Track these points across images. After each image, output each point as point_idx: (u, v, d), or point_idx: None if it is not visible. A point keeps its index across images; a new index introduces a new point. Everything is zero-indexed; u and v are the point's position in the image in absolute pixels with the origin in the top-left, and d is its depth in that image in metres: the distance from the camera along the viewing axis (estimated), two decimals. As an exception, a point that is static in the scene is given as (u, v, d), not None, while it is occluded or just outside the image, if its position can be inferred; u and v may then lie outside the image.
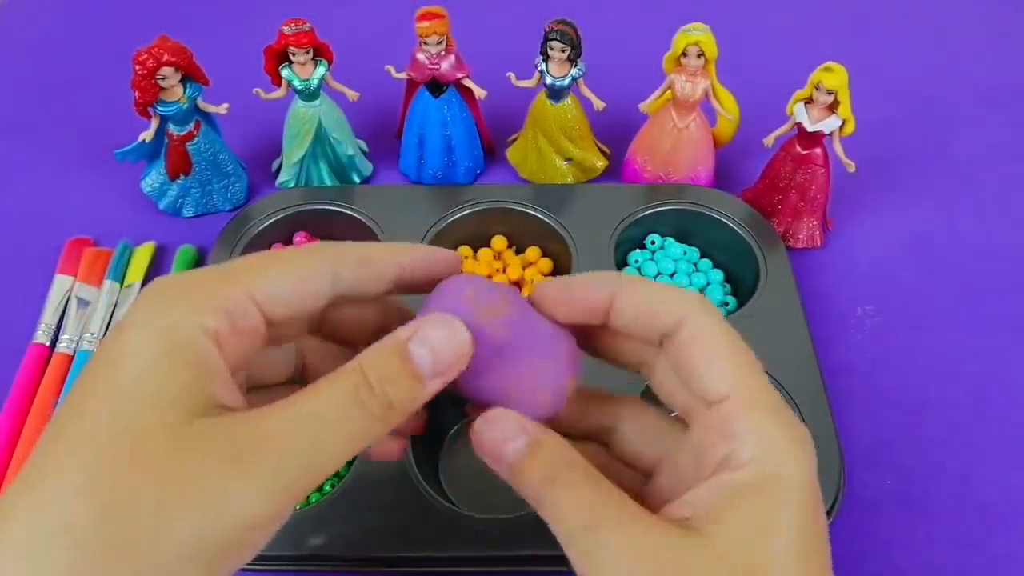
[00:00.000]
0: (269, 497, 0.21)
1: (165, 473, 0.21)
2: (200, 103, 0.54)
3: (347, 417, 0.23)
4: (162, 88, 0.52)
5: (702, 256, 0.56)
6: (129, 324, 0.23)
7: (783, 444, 0.23)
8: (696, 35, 0.52)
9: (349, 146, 0.58)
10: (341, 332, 0.30)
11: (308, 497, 0.45)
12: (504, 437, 0.25)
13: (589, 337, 0.29)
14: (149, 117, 0.53)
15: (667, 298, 0.26)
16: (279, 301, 0.24)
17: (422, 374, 0.24)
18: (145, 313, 0.23)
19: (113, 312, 0.52)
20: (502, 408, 0.25)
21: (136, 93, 0.51)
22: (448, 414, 0.48)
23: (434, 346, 0.24)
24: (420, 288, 0.28)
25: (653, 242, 0.55)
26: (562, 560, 0.24)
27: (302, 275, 0.25)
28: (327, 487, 0.45)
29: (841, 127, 0.51)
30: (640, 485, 0.28)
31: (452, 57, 0.55)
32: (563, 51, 0.53)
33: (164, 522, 0.20)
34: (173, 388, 0.22)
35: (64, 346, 0.50)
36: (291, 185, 0.59)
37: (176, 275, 0.25)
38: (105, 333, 0.51)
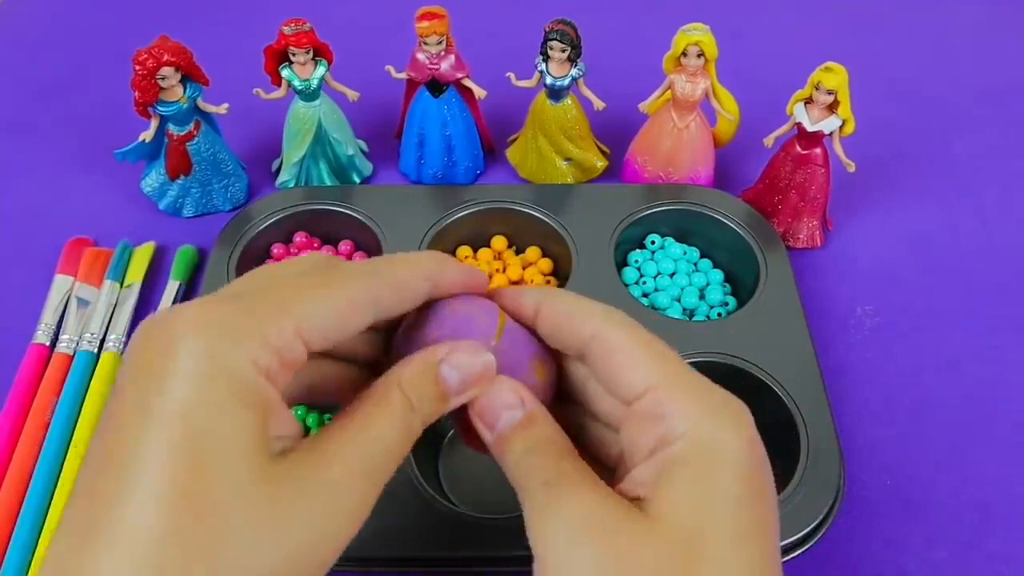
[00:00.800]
0: (347, 527, 0.23)
1: (255, 527, 0.21)
2: (200, 103, 0.54)
3: (401, 438, 0.25)
4: (162, 88, 0.52)
5: (702, 256, 0.56)
6: (189, 366, 0.22)
7: (715, 416, 0.25)
8: (696, 35, 0.52)
9: (349, 146, 0.58)
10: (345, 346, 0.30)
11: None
12: (503, 404, 0.27)
13: None
14: (149, 117, 0.53)
15: (579, 311, 0.28)
16: (324, 336, 0.25)
17: (448, 394, 0.26)
18: (207, 353, 0.22)
19: (113, 312, 0.52)
20: (505, 376, 0.27)
21: (136, 93, 0.51)
22: (448, 415, 0.48)
23: (463, 369, 0.26)
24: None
25: (653, 242, 0.55)
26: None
27: (346, 309, 0.25)
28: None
29: (841, 127, 0.51)
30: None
31: (452, 57, 0.55)
32: (563, 51, 0.53)
33: (256, 562, 0.21)
34: (247, 435, 0.22)
35: (64, 346, 0.50)
36: (291, 185, 0.59)
37: (224, 307, 0.23)
38: (105, 333, 0.51)
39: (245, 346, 0.22)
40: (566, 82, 0.54)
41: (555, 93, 0.56)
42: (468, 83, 0.56)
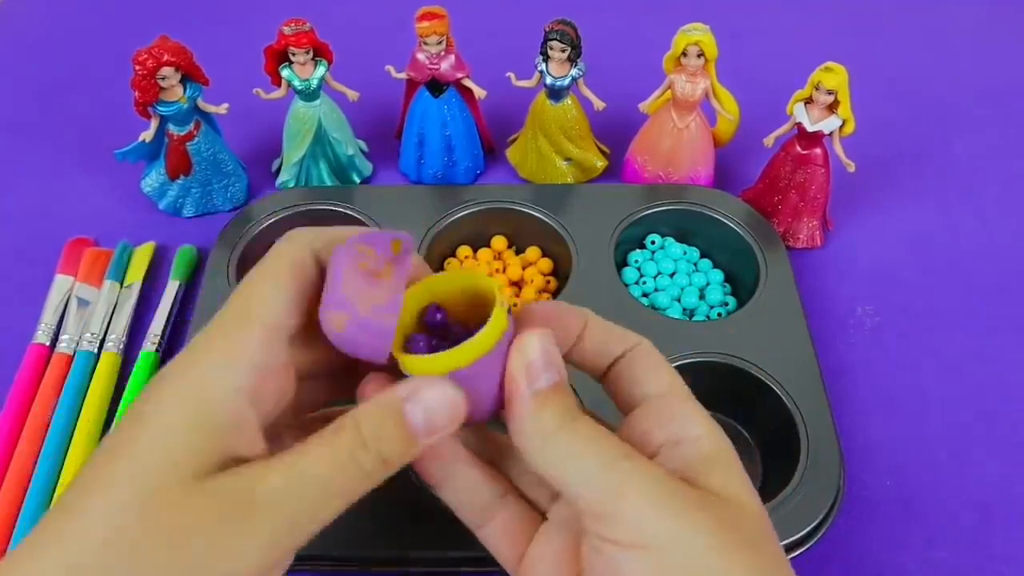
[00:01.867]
0: (264, 552, 0.23)
1: (171, 533, 0.22)
2: (200, 103, 0.54)
3: (340, 475, 0.24)
4: (162, 88, 0.52)
5: (702, 256, 0.56)
6: (165, 376, 0.24)
7: (713, 426, 0.27)
8: (696, 35, 0.52)
9: (349, 146, 0.58)
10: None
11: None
12: (547, 360, 0.26)
13: None
14: (149, 117, 0.53)
15: (622, 334, 0.29)
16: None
17: (415, 434, 0.25)
18: (180, 370, 0.24)
19: (113, 312, 0.52)
20: (535, 332, 0.26)
21: (136, 93, 0.51)
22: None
23: (428, 407, 0.25)
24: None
25: (653, 242, 0.55)
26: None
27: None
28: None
29: (841, 127, 0.51)
30: None
31: (452, 57, 0.55)
32: (563, 51, 0.53)
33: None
34: (185, 450, 0.23)
35: (64, 346, 0.50)
36: (291, 185, 0.59)
37: (212, 332, 0.25)
38: (105, 333, 0.51)
39: (220, 365, 0.24)
40: (566, 82, 0.54)
41: (555, 93, 0.56)
42: (468, 83, 0.56)
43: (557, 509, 0.29)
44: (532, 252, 0.55)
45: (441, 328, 0.27)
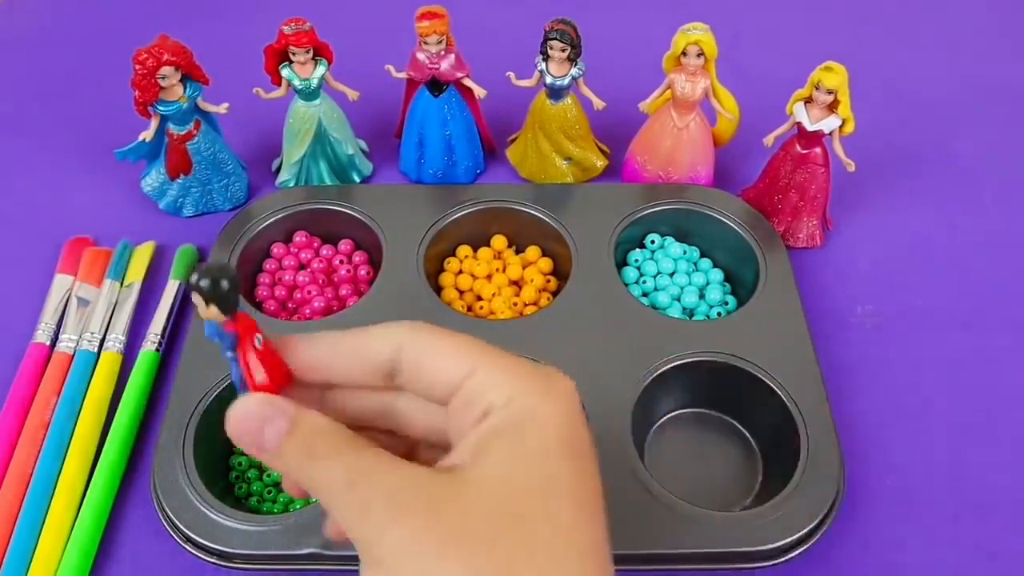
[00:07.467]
0: None
1: None
2: (200, 102, 0.54)
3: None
4: (162, 87, 0.52)
5: (702, 256, 0.56)
6: None
7: (534, 390, 0.25)
8: (696, 35, 0.52)
9: (349, 145, 0.58)
10: None
11: (308, 497, 0.45)
12: (262, 421, 0.25)
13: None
14: (149, 116, 0.53)
15: (377, 334, 0.27)
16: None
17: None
18: None
19: (113, 311, 0.52)
20: (253, 393, 0.25)
21: (136, 92, 0.51)
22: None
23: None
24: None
25: (653, 241, 0.55)
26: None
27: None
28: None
29: (841, 127, 0.51)
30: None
31: (452, 56, 0.55)
32: (563, 50, 0.53)
33: None
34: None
35: (64, 345, 0.50)
36: (291, 185, 0.59)
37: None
38: (105, 332, 0.51)
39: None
40: (566, 82, 0.54)
41: (555, 93, 0.56)
42: (468, 83, 0.56)
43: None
44: (532, 252, 0.55)
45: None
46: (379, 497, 0.23)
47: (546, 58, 0.54)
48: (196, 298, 0.24)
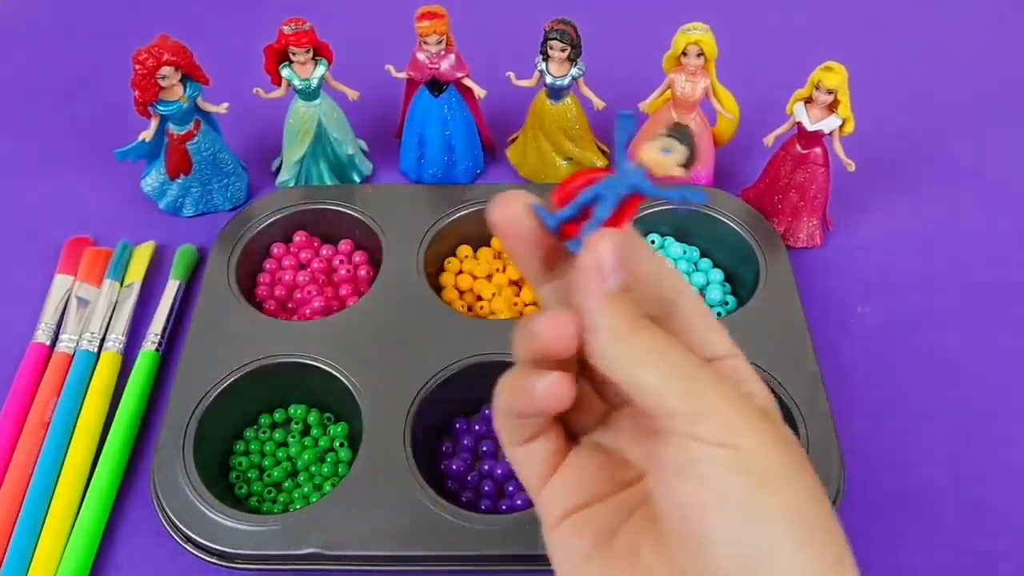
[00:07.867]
0: None
1: None
2: (200, 102, 0.54)
3: None
4: (162, 87, 0.52)
5: (702, 256, 0.56)
6: None
7: (767, 389, 0.28)
8: (696, 34, 0.52)
9: (349, 145, 0.58)
10: None
11: (307, 497, 0.45)
12: (603, 264, 0.24)
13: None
14: (149, 116, 0.53)
15: (672, 280, 0.29)
16: None
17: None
18: None
19: (113, 311, 0.52)
20: (608, 233, 0.25)
21: (136, 92, 0.51)
22: (448, 415, 0.48)
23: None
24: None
25: (653, 242, 0.55)
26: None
27: None
28: (327, 487, 0.45)
29: (841, 126, 0.51)
30: None
31: (452, 56, 0.55)
32: (563, 50, 0.53)
33: None
34: None
35: (64, 345, 0.50)
36: (291, 184, 0.59)
37: None
38: (105, 332, 0.51)
39: None
40: (566, 82, 0.54)
41: (555, 93, 0.56)
42: (468, 83, 0.56)
43: (591, 436, 0.29)
44: (532, 252, 0.55)
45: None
46: (719, 381, 0.25)
47: (546, 58, 0.54)
48: (666, 142, 0.24)
